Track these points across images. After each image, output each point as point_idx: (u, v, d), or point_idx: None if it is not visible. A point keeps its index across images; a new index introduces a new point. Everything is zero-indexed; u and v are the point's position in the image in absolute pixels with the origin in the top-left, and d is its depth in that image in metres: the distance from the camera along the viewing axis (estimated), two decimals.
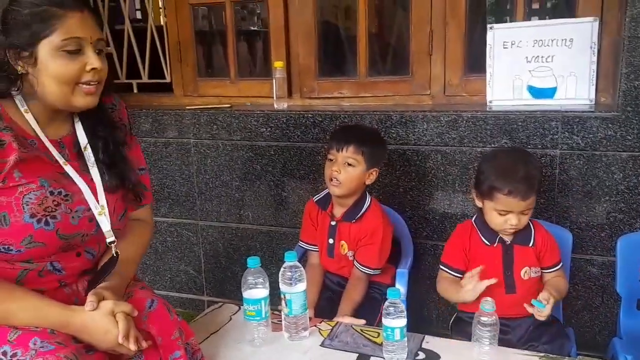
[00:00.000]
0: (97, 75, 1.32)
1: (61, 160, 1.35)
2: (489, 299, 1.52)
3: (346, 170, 1.91)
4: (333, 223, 2.03)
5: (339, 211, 2.03)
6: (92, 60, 1.29)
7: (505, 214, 1.71)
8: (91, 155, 1.41)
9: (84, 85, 1.31)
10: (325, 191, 2.07)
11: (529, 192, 1.69)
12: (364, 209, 1.99)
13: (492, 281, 1.68)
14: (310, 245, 2.11)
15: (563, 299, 1.83)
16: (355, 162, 1.91)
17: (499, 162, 1.76)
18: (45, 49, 1.25)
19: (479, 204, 1.81)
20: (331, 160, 1.95)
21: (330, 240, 2.04)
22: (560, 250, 1.83)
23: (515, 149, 1.96)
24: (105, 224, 1.38)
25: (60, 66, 1.26)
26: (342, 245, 2.02)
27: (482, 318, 1.50)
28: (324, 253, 2.06)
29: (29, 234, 1.25)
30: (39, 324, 1.23)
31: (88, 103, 1.34)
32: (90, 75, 1.30)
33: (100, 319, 1.26)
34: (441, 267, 1.88)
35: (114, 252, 1.40)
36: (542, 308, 1.64)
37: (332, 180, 1.93)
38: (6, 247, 1.25)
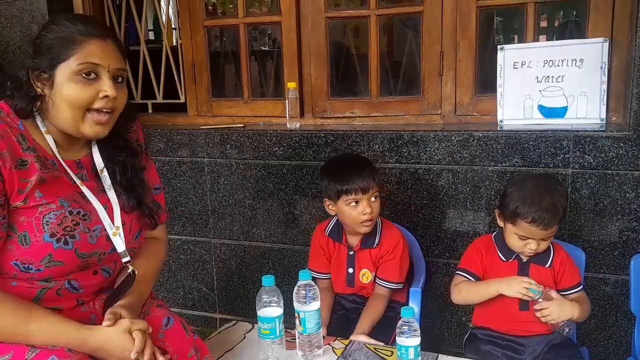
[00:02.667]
0: (110, 103, 1.32)
1: (78, 181, 1.37)
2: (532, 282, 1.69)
3: (374, 206, 1.91)
4: (351, 253, 2.02)
5: (354, 240, 2.01)
6: (106, 87, 1.30)
7: (525, 239, 1.72)
8: (107, 178, 1.44)
9: (95, 114, 1.32)
10: (333, 221, 2.06)
11: (552, 221, 1.68)
12: (380, 232, 2.00)
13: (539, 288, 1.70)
14: (322, 274, 2.07)
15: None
16: (378, 194, 1.93)
17: (525, 188, 1.73)
18: (62, 72, 1.29)
19: (500, 223, 1.81)
20: (356, 203, 1.89)
21: (350, 270, 2.02)
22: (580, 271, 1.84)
23: (545, 176, 1.92)
24: (119, 244, 1.40)
25: (74, 90, 1.29)
26: (363, 275, 2.00)
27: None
28: (342, 283, 2.04)
29: (48, 253, 1.28)
30: (56, 343, 1.25)
31: (97, 133, 1.35)
32: (103, 102, 1.31)
33: (117, 337, 1.28)
34: (458, 272, 1.87)
35: (130, 270, 1.42)
36: (534, 293, 1.67)
37: (366, 222, 1.90)
38: (26, 266, 1.27)
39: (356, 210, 1.90)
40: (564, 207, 1.72)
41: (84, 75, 1.29)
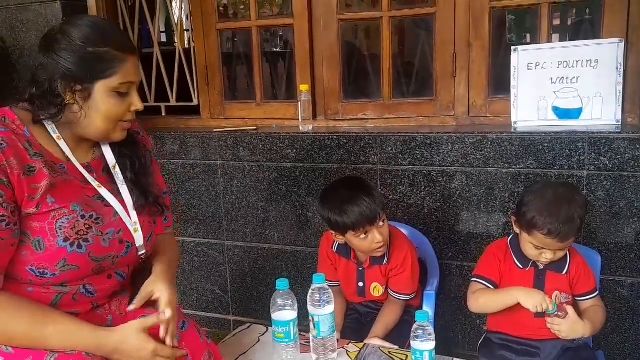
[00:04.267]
0: (135, 114, 1.40)
1: (95, 184, 1.38)
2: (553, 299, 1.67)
3: (384, 232, 1.86)
4: (361, 269, 2.00)
5: (364, 257, 1.98)
6: (136, 101, 1.37)
7: (540, 248, 1.69)
8: (119, 173, 1.46)
9: (124, 123, 1.39)
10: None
11: (569, 234, 1.64)
12: (389, 248, 1.95)
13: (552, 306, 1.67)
14: (330, 282, 2.01)
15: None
16: (385, 218, 1.87)
17: (544, 198, 1.68)
18: (102, 87, 1.30)
19: (516, 230, 1.78)
20: (365, 234, 1.84)
21: (360, 284, 2.01)
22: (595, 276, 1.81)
23: (564, 185, 1.88)
24: (139, 239, 1.43)
25: (112, 106, 1.33)
26: (374, 288, 1.98)
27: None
28: (354, 294, 2.03)
29: (63, 257, 1.28)
30: (74, 347, 1.26)
31: (122, 137, 1.42)
32: (132, 115, 1.39)
33: (133, 337, 1.29)
34: (475, 279, 1.84)
35: (142, 258, 1.46)
36: (550, 313, 1.65)
37: (377, 249, 1.87)
38: (41, 271, 1.28)
39: (367, 240, 1.85)
40: (582, 218, 1.66)
41: (120, 91, 1.33)
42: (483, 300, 1.80)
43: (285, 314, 1.58)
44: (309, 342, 1.64)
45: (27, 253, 1.27)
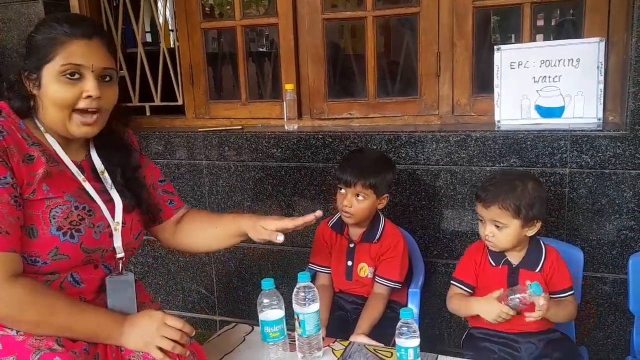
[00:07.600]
0: (94, 103, 1.33)
1: (80, 178, 1.40)
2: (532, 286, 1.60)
3: (357, 203, 1.94)
4: (352, 245, 2.05)
5: (356, 233, 2.05)
6: (89, 87, 1.32)
7: (484, 223, 1.79)
8: (109, 179, 1.47)
9: (80, 115, 1.33)
10: (337, 215, 2.09)
11: (492, 202, 1.73)
12: (381, 228, 2.03)
13: (497, 292, 1.69)
14: (322, 267, 2.11)
15: (575, 320, 1.83)
16: (365, 195, 1.93)
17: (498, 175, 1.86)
18: (47, 72, 1.31)
19: None
20: (342, 192, 1.97)
21: (349, 263, 2.04)
22: (572, 275, 1.81)
23: (525, 173, 1.93)
24: (117, 240, 1.43)
25: (57, 90, 1.31)
26: (361, 269, 2.03)
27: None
28: (342, 276, 2.07)
29: (55, 246, 1.30)
30: (101, 327, 1.32)
31: (85, 133, 1.37)
32: (87, 102, 1.32)
33: (142, 315, 1.36)
34: (453, 282, 1.89)
35: (120, 268, 1.45)
36: (537, 294, 1.60)
37: (345, 212, 1.96)
38: (33, 259, 1.29)
39: (339, 198, 1.97)
40: (520, 198, 1.71)
41: (67, 75, 1.31)
42: (454, 306, 1.87)
43: (275, 313, 1.58)
44: (295, 341, 1.64)
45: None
